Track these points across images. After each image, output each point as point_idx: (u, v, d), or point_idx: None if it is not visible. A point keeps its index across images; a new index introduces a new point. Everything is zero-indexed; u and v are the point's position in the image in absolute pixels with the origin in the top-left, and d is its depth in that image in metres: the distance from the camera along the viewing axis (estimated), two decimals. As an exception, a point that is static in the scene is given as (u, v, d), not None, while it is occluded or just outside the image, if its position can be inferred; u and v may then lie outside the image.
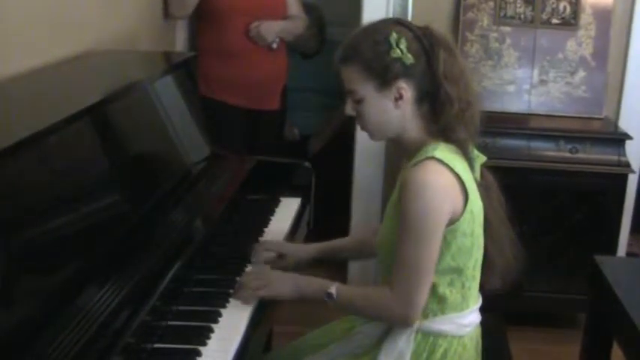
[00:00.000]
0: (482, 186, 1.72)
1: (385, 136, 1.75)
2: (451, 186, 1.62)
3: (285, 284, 1.76)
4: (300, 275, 1.78)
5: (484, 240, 1.71)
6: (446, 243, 1.63)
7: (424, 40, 1.66)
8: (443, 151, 1.64)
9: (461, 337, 1.71)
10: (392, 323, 1.71)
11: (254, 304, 1.73)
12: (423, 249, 1.60)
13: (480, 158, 1.74)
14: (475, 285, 1.73)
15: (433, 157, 1.62)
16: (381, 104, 1.67)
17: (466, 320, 1.72)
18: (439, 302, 1.68)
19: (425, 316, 1.68)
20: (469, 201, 1.64)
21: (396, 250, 1.63)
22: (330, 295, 1.69)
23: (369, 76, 1.65)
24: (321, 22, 3.95)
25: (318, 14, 3.92)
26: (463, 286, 1.69)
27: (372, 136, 1.75)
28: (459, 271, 1.67)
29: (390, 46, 1.63)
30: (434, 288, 1.66)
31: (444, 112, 1.66)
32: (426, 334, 1.69)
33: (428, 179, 1.60)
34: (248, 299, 1.72)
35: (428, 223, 1.59)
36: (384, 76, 1.65)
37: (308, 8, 3.51)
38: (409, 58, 1.63)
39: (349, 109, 1.72)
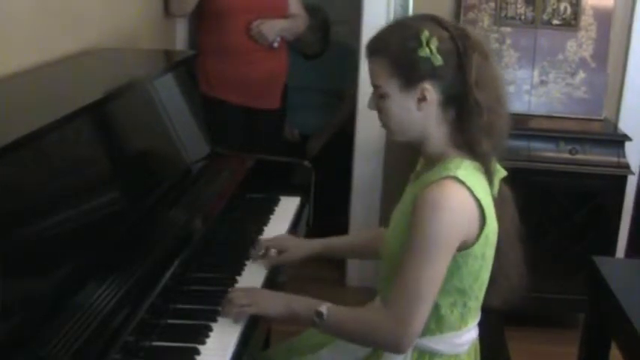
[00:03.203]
0: (498, 202, 1.64)
1: (406, 137, 1.65)
2: (469, 210, 1.54)
3: (274, 303, 1.67)
4: (290, 295, 1.69)
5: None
6: (456, 265, 1.56)
7: (458, 41, 1.56)
8: (466, 170, 1.55)
9: (457, 354, 1.68)
10: (382, 347, 1.63)
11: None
12: (426, 271, 1.51)
13: (500, 172, 1.66)
14: (477, 304, 1.68)
15: (455, 177, 1.53)
16: (403, 103, 1.58)
17: (462, 339, 1.67)
18: (437, 321, 1.62)
19: (422, 334, 1.61)
20: (486, 225, 1.56)
21: (398, 268, 1.54)
22: (320, 314, 1.59)
23: (395, 72, 1.56)
24: (326, 25, 3.94)
25: (323, 16, 3.91)
26: (465, 306, 1.63)
27: (393, 134, 1.65)
28: (463, 292, 1.61)
29: (420, 44, 1.54)
30: (436, 309, 1.59)
31: (471, 121, 1.57)
32: (423, 352, 1.65)
33: (445, 200, 1.51)
34: (235, 316, 1.64)
35: (436, 246, 1.50)
36: (409, 74, 1.56)
37: (313, 10, 3.51)
38: (438, 59, 1.54)
39: (371, 104, 1.64)
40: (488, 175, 1.61)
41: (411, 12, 3.27)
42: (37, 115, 1.57)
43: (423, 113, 1.59)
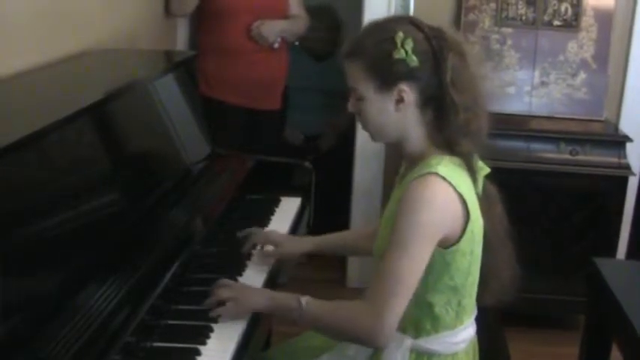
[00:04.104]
0: (484, 200, 1.65)
1: (385, 139, 1.69)
2: (451, 205, 1.55)
3: (257, 296, 1.66)
4: (272, 290, 1.70)
5: (481, 258, 1.65)
6: (445, 263, 1.57)
7: (434, 42, 1.58)
8: (447, 166, 1.56)
9: (455, 353, 1.68)
10: (358, 340, 1.60)
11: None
12: (405, 261, 1.50)
13: (484, 170, 1.66)
14: (471, 301, 1.68)
15: (436, 173, 1.53)
16: (381, 105, 1.60)
17: (458, 338, 1.67)
18: (433, 321, 1.62)
19: (418, 334, 1.63)
20: (470, 221, 1.56)
21: (380, 261, 1.55)
22: (299, 305, 1.58)
23: (371, 75, 1.58)
24: (337, 25, 3.93)
25: (334, 16, 3.90)
26: (459, 304, 1.63)
27: (372, 137, 1.68)
28: (456, 289, 1.61)
29: (395, 46, 1.56)
30: (430, 308, 1.60)
31: (448, 121, 1.58)
32: (420, 353, 1.64)
33: (427, 196, 1.52)
34: (222, 312, 1.62)
35: (416, 238, 1.51)
36: (386, 76, 1.57)
37: (323, 10, 3.50)
38: (414, 60, 1.56)
39: (350, 106, 1.66)
40: (471, 172, 1.62)
41: (412, 13, 3.28)
42: (38, 116, 1.57)
43: (401, 114, 1.60)
